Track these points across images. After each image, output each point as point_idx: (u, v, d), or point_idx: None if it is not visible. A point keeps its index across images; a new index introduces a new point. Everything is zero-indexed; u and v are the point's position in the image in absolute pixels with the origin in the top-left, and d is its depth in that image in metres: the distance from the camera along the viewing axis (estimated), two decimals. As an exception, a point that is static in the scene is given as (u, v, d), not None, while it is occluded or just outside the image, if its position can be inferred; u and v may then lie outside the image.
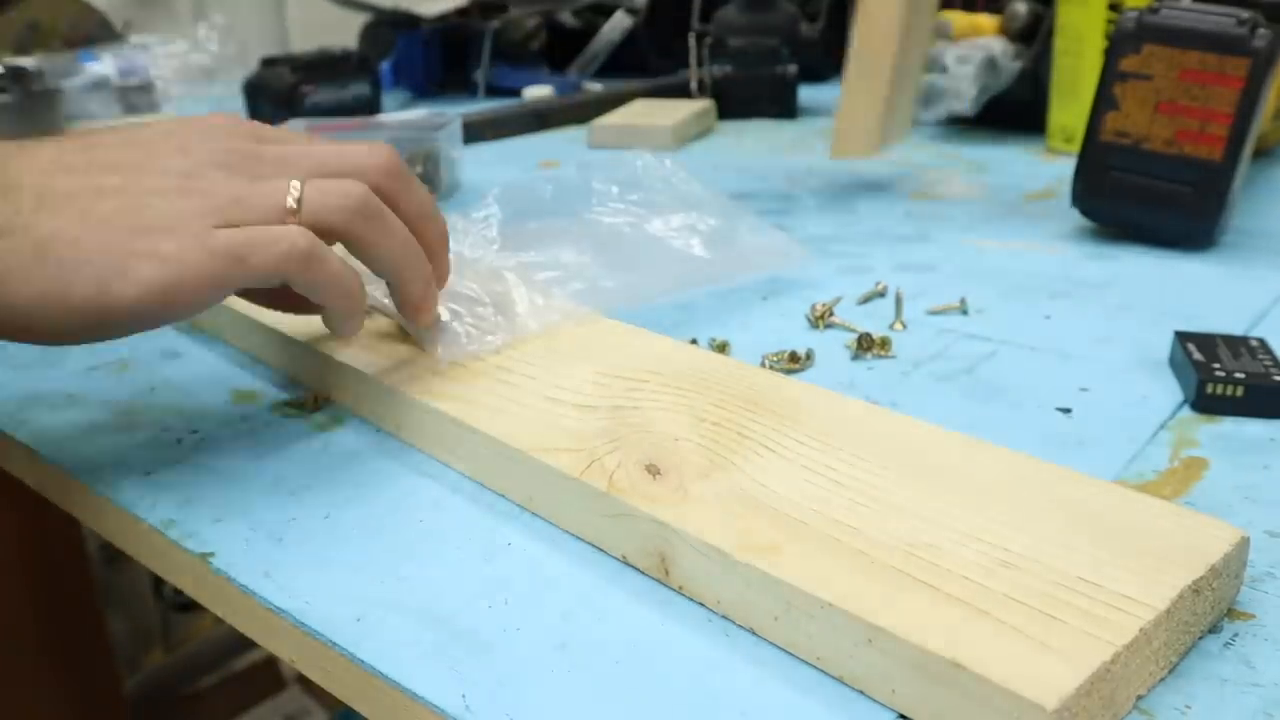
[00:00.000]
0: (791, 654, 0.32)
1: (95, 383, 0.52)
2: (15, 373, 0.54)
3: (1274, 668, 0.31)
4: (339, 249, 0.42)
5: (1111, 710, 0.28)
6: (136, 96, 1.26)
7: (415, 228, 0.44)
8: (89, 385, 0.52)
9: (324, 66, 1.19)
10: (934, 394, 0.49)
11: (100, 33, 1.51)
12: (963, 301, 0.59)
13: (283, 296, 0.45)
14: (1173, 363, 0.50)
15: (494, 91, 1.35)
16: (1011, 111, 0.99)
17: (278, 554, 0.38)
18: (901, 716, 0.29)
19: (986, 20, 0.98)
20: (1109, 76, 0.66)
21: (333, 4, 1.39)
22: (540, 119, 1.04)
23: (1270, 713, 0.29)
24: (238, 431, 0.47)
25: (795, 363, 0.52)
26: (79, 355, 0.55)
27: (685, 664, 0.32)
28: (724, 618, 0.33)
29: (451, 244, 0.48)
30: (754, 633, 0.33)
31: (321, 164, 0.42)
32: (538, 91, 1.25)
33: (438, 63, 1.39)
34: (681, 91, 1.17)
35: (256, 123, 0.44)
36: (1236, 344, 0.49)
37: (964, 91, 0.94)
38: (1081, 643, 0.28)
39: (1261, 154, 0.86)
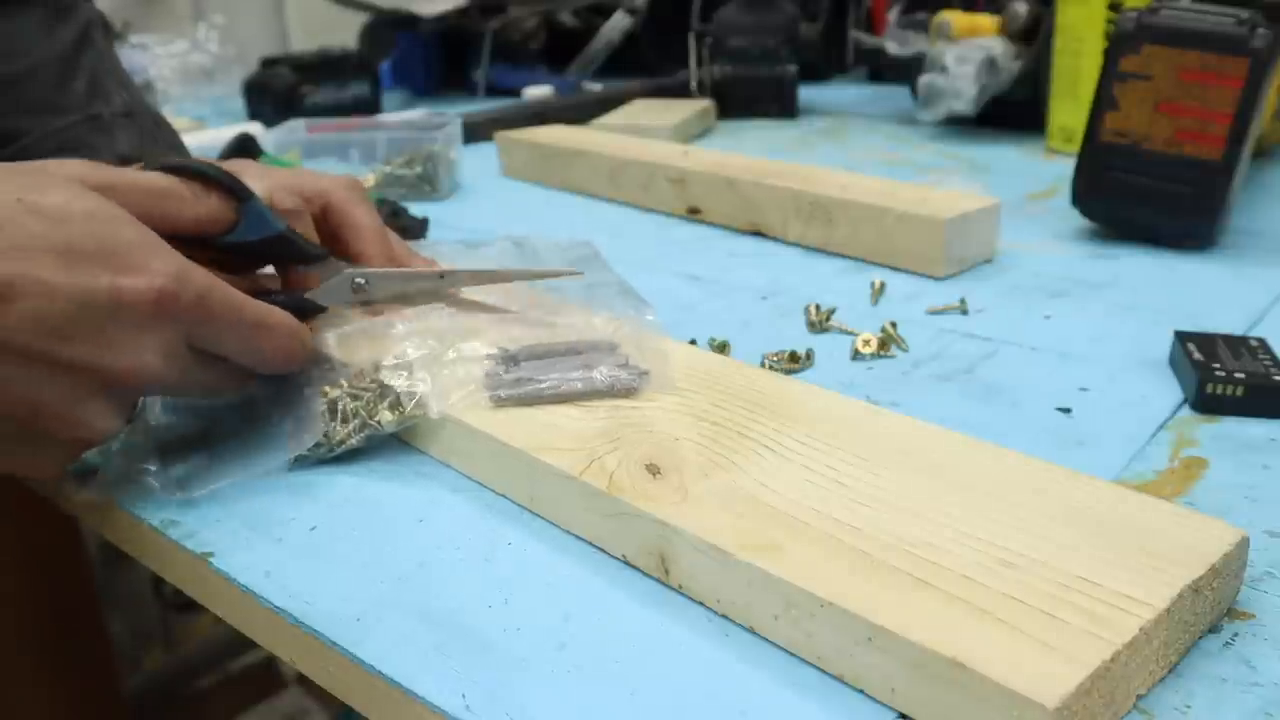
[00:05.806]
0: (792, 653, 0.32)
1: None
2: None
3: (1273, 667, 0.31)
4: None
5: (1112, 709, 0.28)
6: (136, 96, 1.25)
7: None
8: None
9: (324, 66, 1.20)
10: (934, 394, 0.49)
11: (100, 33, 1.51)
12: (963, 301, 0.59)
13: None
14: (1173, 363, 0.50)
15: (494, 91, 1.35)
16: (1011, 111, 0.99)
17: (278, 554, 0.38)
18: (902, 716, 0.29)
19: (986, 20, 0.98)
20: (1109, 76, 0.66)
21: (333, 4, 1.40)
22: (540, 119, 1.04)
23: (1270, 712, 0.29)
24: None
25: (795, 363, 0.52)
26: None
27: (685, 664, 0.32)
28: (724, 617, 0.33)
29: None
30: (754, 632, 0.33)
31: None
32: (538, 91, 1.26)
33: (438, 63, 1.39)
34: (681, 91, 1.17)
35: None
36: (1236, 344, 0.49)
37: (964, 91, 0.94)
38: (1082, 642, 0.28)
39: (1261, 154, 0.86)
